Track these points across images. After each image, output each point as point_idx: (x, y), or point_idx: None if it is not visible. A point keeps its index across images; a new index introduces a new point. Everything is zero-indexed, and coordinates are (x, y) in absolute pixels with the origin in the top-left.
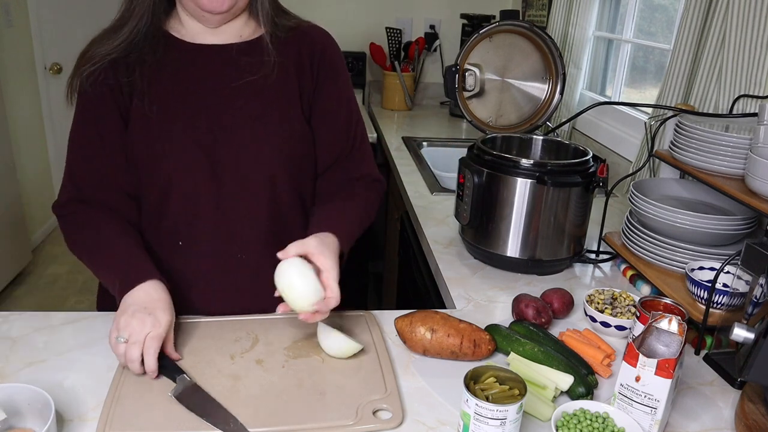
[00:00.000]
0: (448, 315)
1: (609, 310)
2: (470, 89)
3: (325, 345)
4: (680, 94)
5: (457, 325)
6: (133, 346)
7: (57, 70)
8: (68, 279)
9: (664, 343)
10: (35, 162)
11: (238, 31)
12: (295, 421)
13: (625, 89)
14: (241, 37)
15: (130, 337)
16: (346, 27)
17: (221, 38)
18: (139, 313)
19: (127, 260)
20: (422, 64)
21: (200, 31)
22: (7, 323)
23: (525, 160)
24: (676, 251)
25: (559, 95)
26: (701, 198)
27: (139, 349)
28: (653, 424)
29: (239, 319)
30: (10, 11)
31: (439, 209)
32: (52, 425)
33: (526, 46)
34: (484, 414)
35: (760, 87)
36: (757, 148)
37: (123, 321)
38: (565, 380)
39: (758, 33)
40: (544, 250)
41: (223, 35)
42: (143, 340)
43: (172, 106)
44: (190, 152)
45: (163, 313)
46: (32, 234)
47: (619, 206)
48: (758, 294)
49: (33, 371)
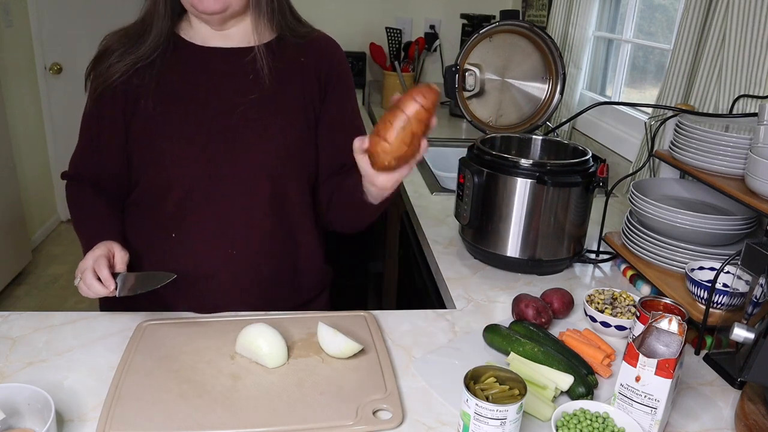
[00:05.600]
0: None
1: (609, 310)
2: (470, 89)
3: (325, 345)
4: (680, 94)
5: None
6: (86, 273)
7: (57, 70)
8: (68, 279)
9: (664, 343)
10: (35, 162)
11: (247, 35)
12: (295, 421)
13: (625, 89)
14: (249, 42)
15: (80, 270)
16: (346, 27)
17: (230, 42)
18: (87, 254)
19: (96, 227)
20: (422, 64)
21: (209, 34)
22: (7, 323)
23: (525, 160)
24: (676, 251)
25: (559, 95)
26: (701, 198)
27: (91, 272)
28: (653, 424)
29: (239, 319)
30: (10, 11)
31: (439, 209)
32: (52, 425)
33: (526, 46)
34: (484, 414)
35: (760, 87)
36: (757, 148)
37: (78, 266)
38: (565, 380)
39: (758, 33)
40: (544, 250)
41: (232, 39)
42: (91, 265)
43: (176, 106)
44: (190, 150)
45: (110, 244)
46: (32, 234)
47: (619, 206)
48: (758, 294)
49: (33, 371)
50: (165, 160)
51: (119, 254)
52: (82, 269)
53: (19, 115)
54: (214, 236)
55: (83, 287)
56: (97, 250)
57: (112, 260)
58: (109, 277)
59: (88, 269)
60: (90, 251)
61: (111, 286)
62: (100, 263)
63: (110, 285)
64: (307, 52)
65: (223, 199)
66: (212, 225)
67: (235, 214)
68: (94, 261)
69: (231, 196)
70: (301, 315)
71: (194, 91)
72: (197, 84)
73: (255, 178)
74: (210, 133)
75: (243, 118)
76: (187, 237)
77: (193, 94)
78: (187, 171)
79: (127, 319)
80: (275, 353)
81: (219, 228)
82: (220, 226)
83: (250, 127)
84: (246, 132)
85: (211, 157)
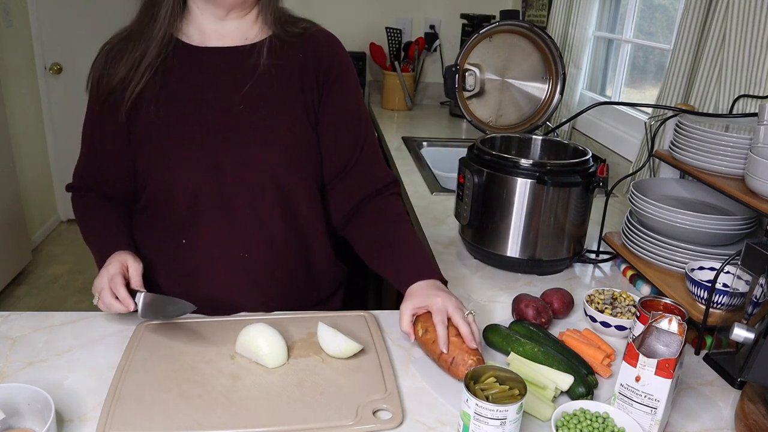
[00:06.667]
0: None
1: (609, 310)
2: (470, 89)
3: (325, 345)
4: (680, 94)
5: (450, 334)
6: (103, 292)
7: (57, 70)
8: (68, 279)
9: (664, 343)
10: (35, 162)
11: (244, 33)
12: (295, 421)
13: (625, 89)
14: (246, 40)
15: (98, 289)
16: (346, 27)
17: (227, 41)
18: (102, 270)
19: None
20: (422, 64)
21: (207, 31)
22: (7, 323)
23: (525, 160)
24: (676, 251)
25: (559, 95)
26: (701, 198)
27: (108, 292)
28: (653, 424)
29: (240, 319)
30: (10, 11)
31: (439, 209)
32: (52, 425)
33: (526, 46)
34: (484, 414)
35: (760, 87)
36: (757, 148)
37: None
38: (565, 380)
39: (758, 33)
40: (544, 250)
41: (229, 38)
42: (108, 285)
43: (177, 108)
44: (193, 152)
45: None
46: (32, 234)
47: (619, 206)
48: (758, 294)
49: (33, 371)
50: (169, 165)
51: (133, 267)
52: (99, 288)
53: (19, 115)
54: (225, 240)
55: (102, 306)
56: (111, 267)
57: (126, 274)
58: (126, 296)
59: (105, 288)
60: (104, 268)
61: (130, 305)
62: (116, 282)
63: (129, 305)
64: (305, 48)
65: (231, 201)
66: (222, 229)
67: (244, 217)
68: (109, 279)
69: (239, 199)
70: (301, 315)
71: (194, 92)
72: (197, 85)
73: (261, 179)
74: (213, 135)
75: (245, 118)
76: (198, 242)
77: (194, 96)
78: (192, 174)
79: (127, 319)
80: (275, 353)
81: (229, 231)
82: (230, 230)
83: (253, 127)
84: (249, 132)
85: (215, 160)
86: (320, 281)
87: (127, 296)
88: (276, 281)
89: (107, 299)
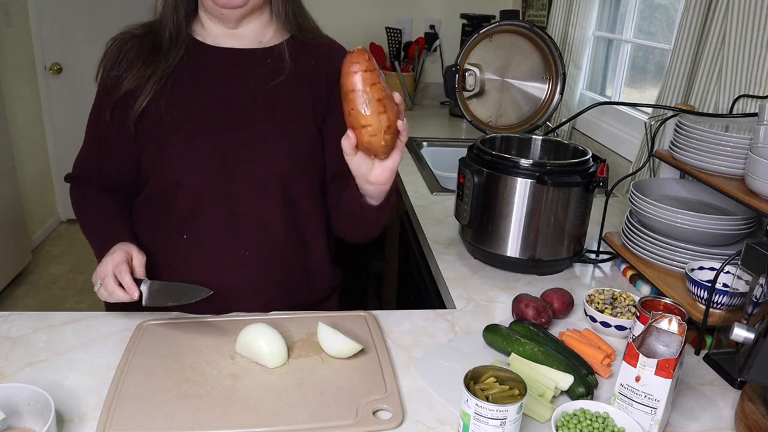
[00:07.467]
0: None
1: (609, 310)
2: (470, 89)
3: (325, 345)
4: (680, 94)
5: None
6: (107, 279)
7: (57, 70)
8: (68, 279)
9: (664, 343)
10: (35, 162)
11: (258, 36)
12: (295, 421)
13: (625, 89)
14: (260, 43)
15: (100, 276)
16: (347, 26)
17: (241, 43)
18: (105, 258)
19: (108, 229)
20: (422, 64)
21: (221, 34)
22: (7, 323)
23: (525, 160)
24: (676, 251)
25: (559, 95)
26: (701, 198)
27: (112, 279)
28: (653, 424)
29: (240, 319)
30: (10, 11)
31: (439, 209)
32: (52, 425)
33: (526, 46)
34: (484, 414)
35: (760, 87)
36: (757, 148)
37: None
38: (565, 380)
39: (758, 33)
40: (544, 250)
41: (244, 40)
42: (112, 272)
43: (187, 105)
44: (200, 148)
45: (127, 247)
46: (32, 234)
47: (619, 206)
48: (758, 294)
49: (33, 371)
50: (175, 161)
51: (137, 258)
52: (102, 275)
53: (19, 115)
54: (227, 237)
55: (104, 293)
56: (115, 255)
57: (131, 264)
58: (131, 284)
59: (109, 275)
60: (108, 255)
61: (135, 293)
62: (121, 269)
63: (134, 292)
64: (317, 56)
65: (234, 199)
66: (224, 226)
67: (246, 215)
68: (114, 266)
69: (242, 197)
70: (301, 315)
71: (205, 91)
72: (208, 84)
73: (266, 179)
74: (221, 133)
75: (254, 118)
76: (199, 238)
77: (205, 95)
78: (197, 171)
79: (127, 319)
80: (275, 353)
81: (231, 229)
82: (232, 227)
83: (261, 127)
84: (257, 132)
85: (221, 158)
86: (316, 283)
87: (132, 284)
88: (274, 281)
89: (110, 286)
